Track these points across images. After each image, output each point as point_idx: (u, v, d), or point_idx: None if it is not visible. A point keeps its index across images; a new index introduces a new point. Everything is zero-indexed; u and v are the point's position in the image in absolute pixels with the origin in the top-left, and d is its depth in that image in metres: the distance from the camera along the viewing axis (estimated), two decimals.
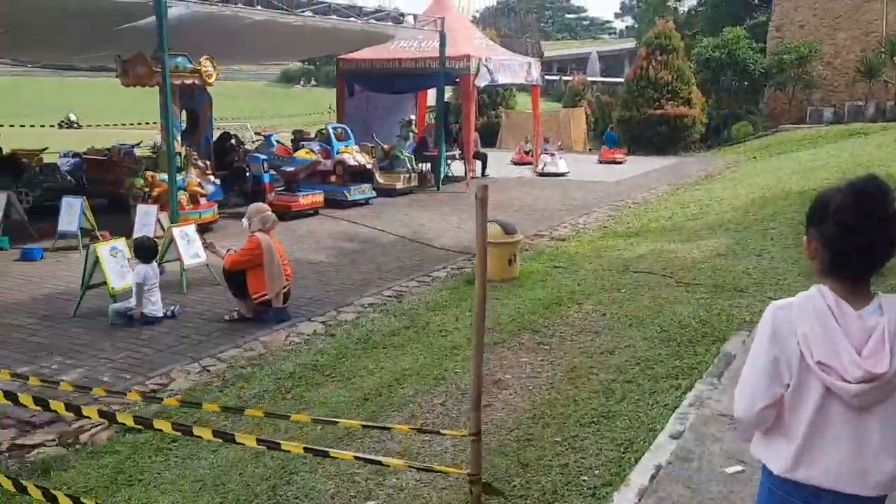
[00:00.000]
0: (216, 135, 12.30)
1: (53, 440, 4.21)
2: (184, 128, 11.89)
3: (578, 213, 11.67)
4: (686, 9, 44.07)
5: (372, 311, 6.49)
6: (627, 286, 6.91)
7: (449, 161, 15.38)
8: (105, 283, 6.14)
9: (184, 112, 11.78)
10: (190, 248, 7.00)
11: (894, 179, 3.95)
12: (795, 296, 1.83)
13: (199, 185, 9.70)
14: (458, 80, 13.81)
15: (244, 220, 6.27)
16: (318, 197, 11.22)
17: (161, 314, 6.14)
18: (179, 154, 9.58)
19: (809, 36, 25.19)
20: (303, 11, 10.56)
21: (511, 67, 14.52)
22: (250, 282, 6.05)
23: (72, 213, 8.53)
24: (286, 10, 10.19)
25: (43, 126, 20.45)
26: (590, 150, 24.38)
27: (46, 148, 12.67)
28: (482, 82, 13.57)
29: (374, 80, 14.59)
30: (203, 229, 9.52)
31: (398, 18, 12.48)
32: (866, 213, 1.71)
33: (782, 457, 1.84)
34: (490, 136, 24.20)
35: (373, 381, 4.84)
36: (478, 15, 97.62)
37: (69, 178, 11.39)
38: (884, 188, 1.73)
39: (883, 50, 23.56)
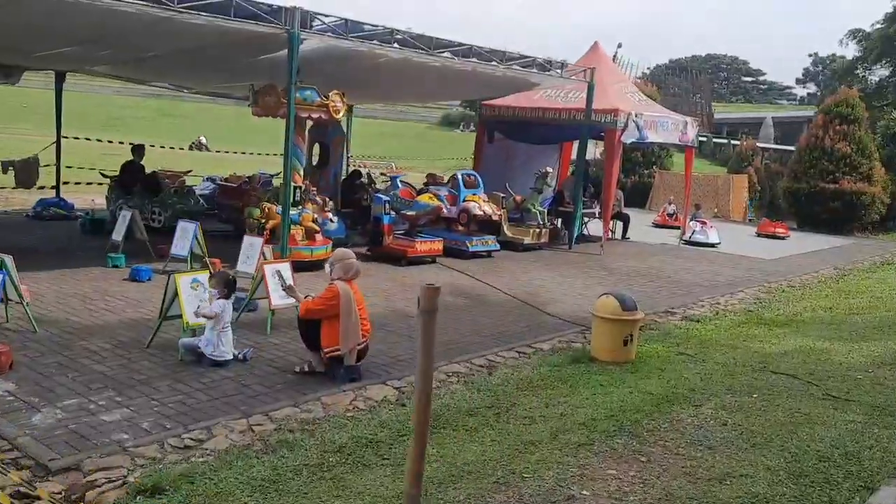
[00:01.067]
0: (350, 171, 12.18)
1: (60, 493, 3.80)
2: (315, 162, 11.94)
3: (722, 291, 10.41)
4: (877, 78, 40.71)
5: (455, 382, 5.77)
6: (761, 390, 5.77)
7: (587, 219, 14.49)
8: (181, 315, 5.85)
9: (317, 146, 11.84)
10: (280, 287, 6.62)
11: None
12: None
13: (315, 220, 9.45)
14: (603, 133, 12.95)
15: (326, 266, 5.79)
16: (437, 244, 10.71)
17: (230, 356, 5.74)
18: (300, 188, 9.41)
19: None
20: (441, 52, 10.20)
21: (664, 125, 13.49)
22: (324, 333, 5.53)
23: (185, 237, 8.48)
24: (424, 49, 9.86)
25: (173, 148, 21.48)
26: (749, 220, 22.52)
27: (191, 170, 13.07)
28: (629, 139, 12.65)
29: (515, 128, 14.05)
30: (314, 267, 9.26)
31: (545, 66, 11.88)
32: None
33: None
34: (641, 197, 22.97)
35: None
36: (648, 72, 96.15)
37: (202, 202, 11.59)
38: None
39: None
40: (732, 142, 47.81)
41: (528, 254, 12.33)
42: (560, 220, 14.07)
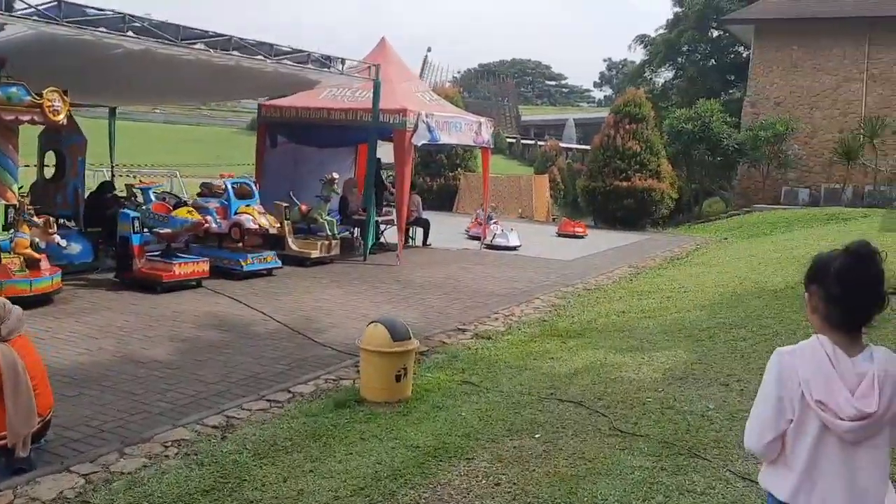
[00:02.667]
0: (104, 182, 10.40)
1: None
2: (51, 175, 10.07)
3: (519, 299, 9.82)
4: (662, 80, 43.55)
5: (173, 455, 4.49)
6: (546, 427, 5.00)
7: (384, 227, 13.58)
8: None
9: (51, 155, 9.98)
10: None
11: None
12: (799, 343, 2.12)
13: (35, 245, 7.71)
14: (392, 135, 12.07)
15: None
16: (202, 265, 9.28)
17: None
18: (14, 206, 7.64)
19: (786, 113, 24.09)
20: (193, 43, 8.79)
21: (457, 126, 12.85)
22: None
23: None
24: (170, 40, 8.40)
25: None
26: (553, 219, 22.79)
27: None
28: (420, 140, 11.85)
29: (300, 130, 12.84)
30: (38, 303, 7.55)
31: (323, 62, 10.77)
32: (864, 273, 2.02)
33: (785, 485, 2.10)
34: (447, 200, 22.55)
35: None
36: (458, 76, 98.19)
37: None
38: (875, 251, 2.04)
39: (862, 132, 22.45)
40: (539, 143, 49.55)
41: (316, 269, 11.16)
42: (358, 229, 13.06)
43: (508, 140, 70.76)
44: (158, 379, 5.85)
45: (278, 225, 10.47)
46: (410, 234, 14.39)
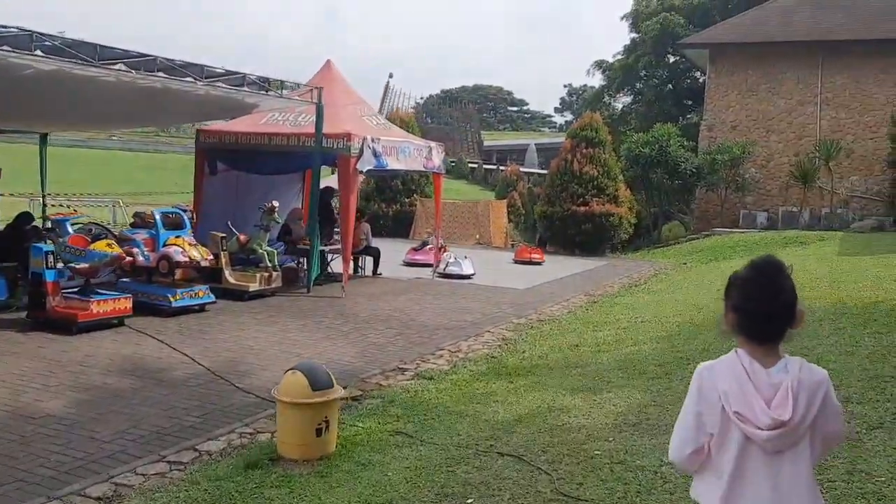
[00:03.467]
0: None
1: None
2: None
3: (468, 333, 9.27)
4: (620, 105, 43.80)
5: None
6: (480, 489, 4.43)
7: (332, 257, 12.96)
8: None
9: None
10: None
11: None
12: (718, 358, 2.20)
13: None
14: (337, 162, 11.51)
15: None
16: (124, 302, 8.57)
17: None
18: None
19: (742, 137, 24.10)
20: (112, 64, 8.16)
21: (406, 152, 12.35)
22: None
23: None
24: (86, 60, 7.77)
25: None
26: (512, 245, 22.35)
27: None
28: (365, 166, 11.32)
29: (240, 157, 12.20)
30: None
31: (261, 85, 10.20)
32: (764, 285, 2.12)
33: (714, 496, 2.15)
34: (404, 227, 22.00)
35: None
36: (421, 101, 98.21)
37: None
38: (778, 265, 2.15)
39: (817, 155, 22.50)
40: (500, 167, 49.44)
41: (254, 303, 10.50)
42: (304, 259, 12.43)
43: (471, 165, 70.70)
44: (46, 438, 5.16)
45: (211, 257, 9.80)
46: (360, 264, 13.80)
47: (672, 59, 38.08)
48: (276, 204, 11.04)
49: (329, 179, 13.48)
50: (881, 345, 6.94)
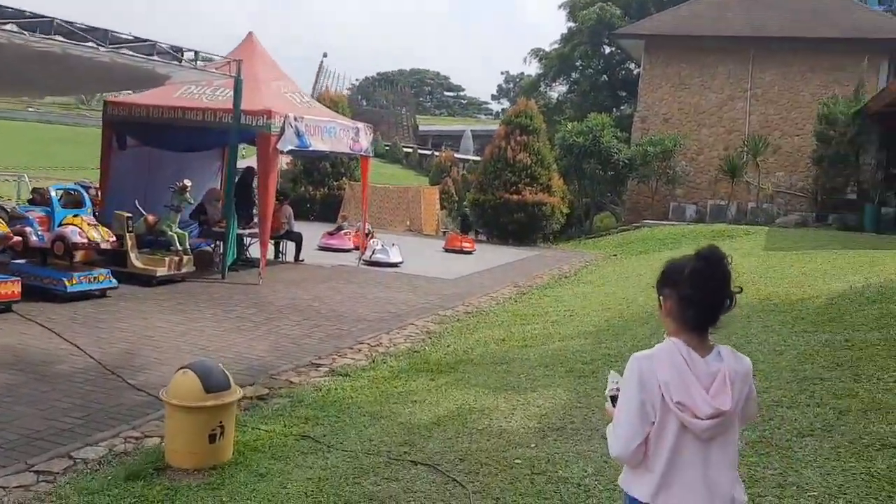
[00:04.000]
0: None
1: None
2: None
3: (390, 325, 8.82)
4: (556, 94, 43.84)
5: None
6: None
7: (251, 241, 12.28)
8: None
9: None
10: None
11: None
12: (653, 348, 2.20)
13: None
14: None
15: None
16: (13, 286, 7.80)
17: None
18: None
19: (674, 130, 24.27)
20: (4, 24, 7.34)
21: (331, 132, 11.76)
22: None
23: None
24: None
25: None
26: (444, 232, 21.94)
27: None
28: (287, 146, 10.69)
29: (152, 131, 11.41)
30: None
31: (173, 54, 9.45)
32: (713, 275, 2.14)
33: (646, 487, 2.15)
34: (332, 211, 21.29)
35: None
36: (357, 83, 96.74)
37: None
38: (722, 255, 2.17)
39: (746, 149, 22.81)
40: (435, 153, 48.97)
41: (162, 289, 9.79)
42: (221, 243, 11.72)
43: (405, 150, 69.92)
44: None
45: (113, 239, 9.05)
46: (281, 250, 13.16)
47: (608, 50, 38.23)
48: (187, 183, 10.32)
49: (252, 159, 12.79)
50: (809, 344, 6.80)
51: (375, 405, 5.84)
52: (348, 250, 14.81)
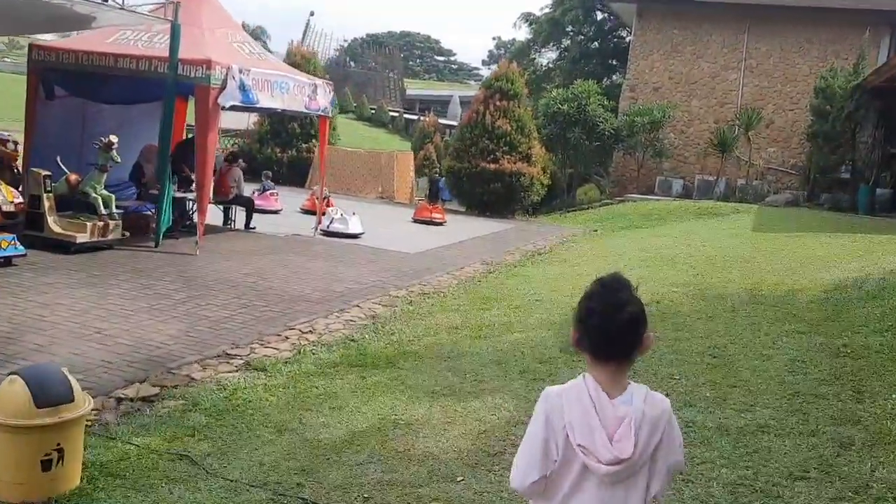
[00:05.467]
0: None
1: None
2: None
3: (332, 306, 7.82)
4: (546, 61, 42.50)
5: None
6: None
7: (195, 205, 11.18)
8: None
9: None
10: None
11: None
12: (567, 382, 2.12)
13: None
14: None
15: None
16: None
17: None
18: None
19: (664, 100, 23.18)
20: None
21: (284, 87, 10.62)
22: None
23: None
24: None
25: None
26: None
27: None
28: (229, 101, 9.57)
29: (83, 81, 10.25)
30: None
31: None
32: (608, 300, 2.03)
33: None
34: (300, 175, 20.18)
35: None
36: (345, 44, 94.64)
37: None
38: (623, 281, 2.08)
39: (737, 123, 21.79)
40: (421, 118, 47.62)
41: (81, 258, 8.72)
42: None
43: (391, 114, 68.35)
44: None
45: (19, 200, 7.97)
46: (231, 216, 12.10)
47: (600, 17, 36.89)
48: (113, 139, 9.20)
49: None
50: (802, 349, 5.88)
51: (285, 412, 4.87)
52: (276, 212, 14.39)
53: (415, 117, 54.03)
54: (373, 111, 65.98)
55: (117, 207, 10.15)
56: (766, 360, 5.67)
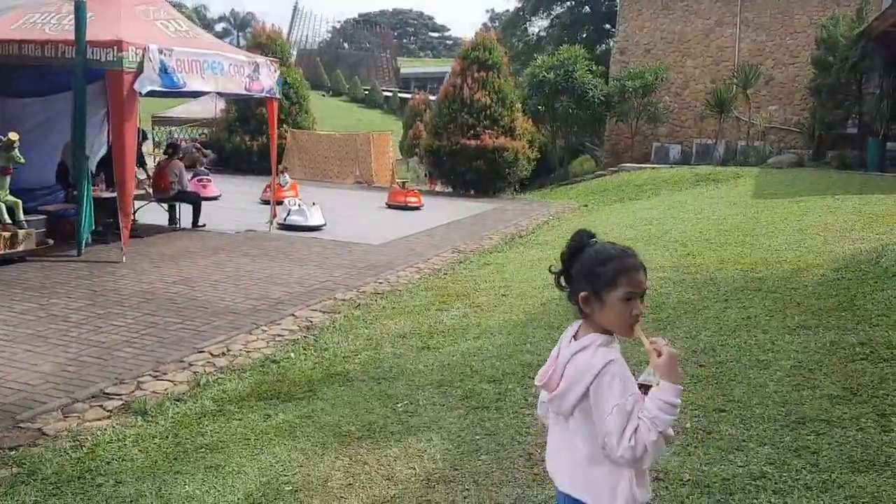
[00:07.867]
0: None
1: None
2: None
3: (260, 319, 6.71)
4: (536, 29, 41.03)
5: None
6: None
7: (138, 204, 10.11)
8: None
9: None
10: None
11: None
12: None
13: None
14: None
15: None
16: None
17: None
18: None
19: (656, 62, 21.85)
20: None
21: (216, 68, 9.45)
22: None
23: None
24: None
25: None
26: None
27: None
28: (147, 86, 8.42)
29: None
30: None
31: None
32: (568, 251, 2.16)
33: None
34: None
35: None
36: (337, 25, 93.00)
37: None
38: (583, 232, 2.17)
39: (735, 81, 20.45)
40: (415, 96, 46.28)
41: None
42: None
43: (385, 94, 66.86)
44: None
45: None
46: (176, 215, 11.01)
47: None
48: (13, 137, 8.13)
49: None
50: (809, 350, 4.75)
51: (147, 478, 3.80)
52: (214, 198, 13.93)
53: (409, 96, 52.69)
54: (366, 92, 64.59)
55: (39, 212, 9.13)
56: (764, 368, 4.54)
